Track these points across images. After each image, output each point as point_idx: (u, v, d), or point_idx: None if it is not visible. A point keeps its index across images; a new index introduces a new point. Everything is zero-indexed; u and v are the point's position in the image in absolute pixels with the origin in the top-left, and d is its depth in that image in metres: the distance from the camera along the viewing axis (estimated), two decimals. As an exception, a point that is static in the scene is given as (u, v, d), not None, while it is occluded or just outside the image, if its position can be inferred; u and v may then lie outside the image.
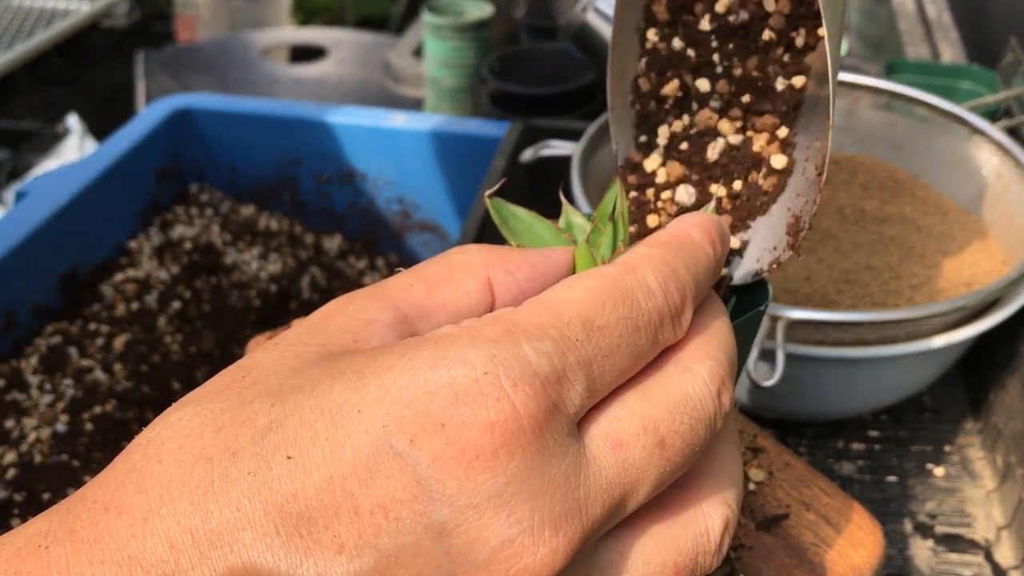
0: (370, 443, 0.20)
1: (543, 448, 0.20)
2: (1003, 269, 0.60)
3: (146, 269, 0.68)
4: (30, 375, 0.60)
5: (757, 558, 0.38)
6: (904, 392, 0.57)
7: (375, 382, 0.21)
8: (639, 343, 0.22)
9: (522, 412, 0.20)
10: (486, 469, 0.20)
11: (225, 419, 0.22)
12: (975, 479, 0.58)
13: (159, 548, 0.20)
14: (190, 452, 0.21)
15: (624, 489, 0.22)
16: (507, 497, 0.20)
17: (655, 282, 0.23)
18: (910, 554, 0.53)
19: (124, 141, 0.71)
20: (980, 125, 0.66)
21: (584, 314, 0.22)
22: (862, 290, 0.59)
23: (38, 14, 1.32)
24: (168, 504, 0.21)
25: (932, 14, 1.02)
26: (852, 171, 0.72)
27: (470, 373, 0.21)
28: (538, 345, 0.21)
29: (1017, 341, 0.58)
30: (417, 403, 0.20)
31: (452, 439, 0.20)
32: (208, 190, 0.78)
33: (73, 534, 0.21)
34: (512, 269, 0.26)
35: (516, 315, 0.22)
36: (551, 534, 0.20)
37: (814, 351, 0.51)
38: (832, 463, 0.59)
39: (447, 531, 0.20)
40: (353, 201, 0.78)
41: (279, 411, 0.22)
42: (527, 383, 0.21)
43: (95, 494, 0.22)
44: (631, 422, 0.22)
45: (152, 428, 0.22)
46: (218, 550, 0.20)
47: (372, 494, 0.20)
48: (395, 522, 0.20)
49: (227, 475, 0.21)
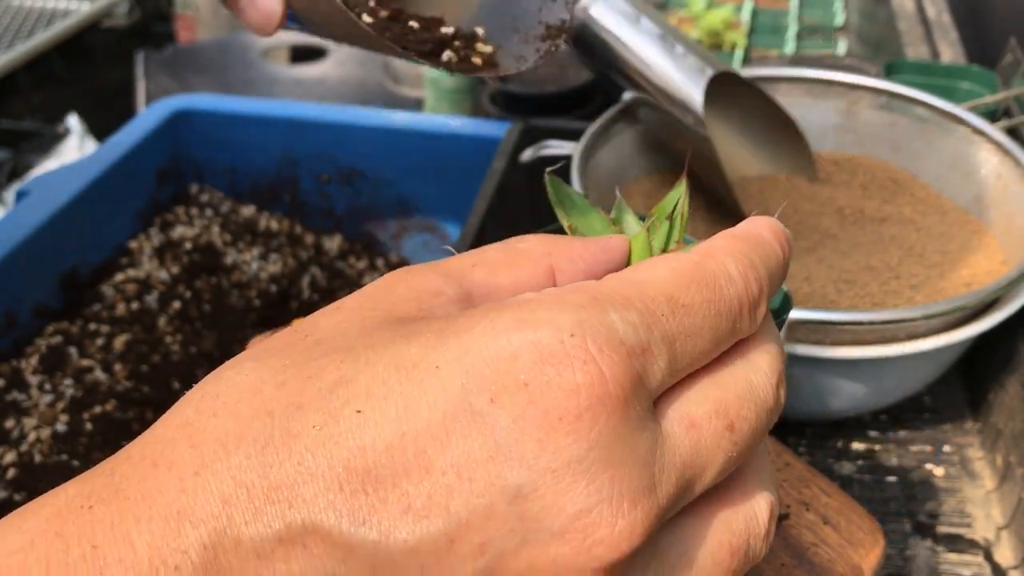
0: (448, 400, 0.20)
1: (627, 418, 0.20)
2: (1003, 269, 0.60)
3: (146, 269, 0.68)
4: (30, 375, 0.60)
5: (757, 558, 0.38)
6: (904, 392, 0.58)
7: (455, 342, 0.20)
8: (720, 328, 0.22)
9: (608, 377, 0.20)
10: (569, 432, 0.19)
11: (288, 374, 0.21)
12: (975, 479, 0.58)
13: (210, 503, 0.19)
14: (248, 406, 0.21)
15: (695, 470, 0.21)
16: (588, 464, 0.19)
17: (736, 270, 0.23)
18: (910, 554, 0.53)
19: (124, 141, 0.71)
20: (980, 125, 0.66)
21: (670, 291, 0.22)
22: (862, 290, 0.59)
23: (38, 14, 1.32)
24: (223, 458, 0.20)
25: (932, 14, 1.02)
26: (852, 171, 0.72)
27: (556, 335, 0.20)
28: (625, 314, 0.21)
29: (1016, 341, 0.58)
30: (500, 362, 0.20)
31: (535, 399, 0.19)
32: (208, 190, 0.78)
33: (119, 492, 0.20)
34: (574, 257, 0.26)
35: (601, 285, 0.22)
36: (630, 507, 0.20)
37: (814, 351, 0.51)
38: (832, 463, 0.59)
39: (523, 495, 0.19)
40: (353, 201, 0.78)
41: (350, 367, 0.21)
42: (614, 350, 0.20)
43: (142, 451, 0.21)
44: (704, 405, 0.22)
45: (206, 383, 0.22)
46: (276, 505, 0.19)
47: (447, 453, 0.19)
48: (468, 483, 0.19)
49: (289, 429, 0.20)
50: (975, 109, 0.70)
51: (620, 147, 0.70)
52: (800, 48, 1.06)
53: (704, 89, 0.62)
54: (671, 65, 0.64)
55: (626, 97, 0.68)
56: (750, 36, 1.08)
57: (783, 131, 0.71)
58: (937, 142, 0.69)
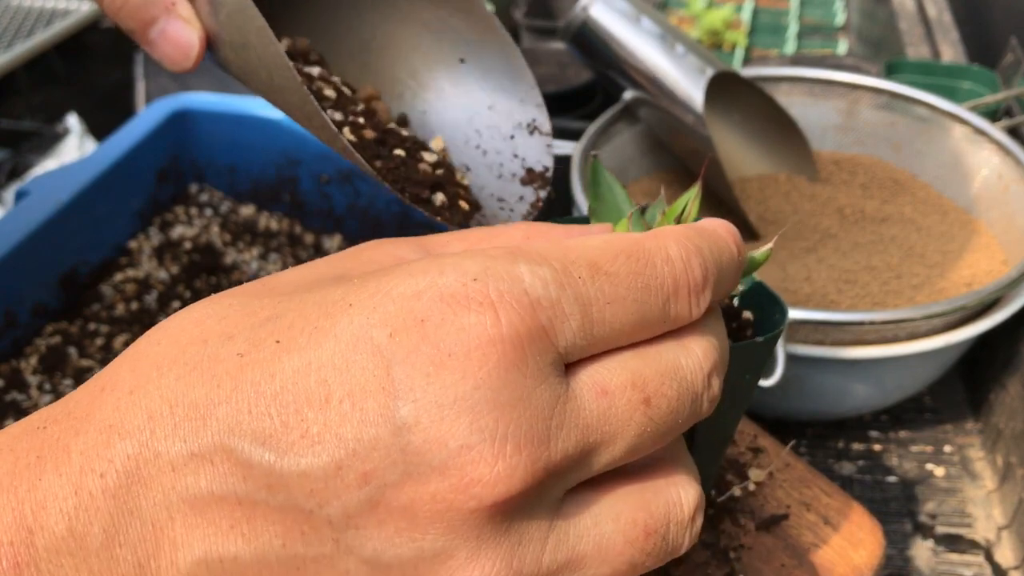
0: (352, 334, 0.20)
1: (520, 364, 0.20)
2: (1003, 269, 0.60)
3: (146, 269, 0.68)
4: (29, 375, 0.60)
5: (757, 558, 0.38)
6: (904, 392, 0.57)
7: (373, 283, 0.21)
8: (648, 303, 0.22)
9: (503, 321, 0.20)
10: (456, 370, 0.20)
11: (231, 311, 0.23)
12: (975, 479, 0.58)
13: (138, 418, 0.21)
14: (188, 335, 0.22)
15: (600, 437, 0.21)
16: (473, 402, 0.20)
17: (676, 252, 0.23)
18: (910, 554, 0.53)
19: (124, 141, 0.70)
20: (980, 125, 0.66)
21: (593, 257, 0.22)
22: (862, 290, 0.59)
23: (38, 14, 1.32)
24: (155, 380, 0.21)
25: (932, 14, 1.02)
26: (852, 171, 0.72)
27: (460, 279, 0.21)
28: (535, 268, 0.21)
29: (1017, 341, 0.58)
30: (403, 300, 0.21)
31: (428, 336, 0.20)
32: (208, 190, 0.78)
33: (70, 414, 0.22)
34: (552, 240, 0.26)
35: (524, 245, 0.22)
36: (513, 450, 0.20)
37: (814, 351, 0.51)
38: (832, 463, 0.59)
39: (407, 427, 0.20)
40: (353, 201, 0.78)
41: (283, 306, 0.22)
42: (515, 298, 0.20)
43: (97, 380, 0.23)
44: (621, 375, 0.22)
45: (163, 321, 0.23)
46: (191, 423, 0.20)
47: (345, 383, 0.20)
48: (360, 412, 0.20)
49: (217, 355, 0.21)
50: (976, 109, 0.70)
51: (620, 147, 0.70)
52: (800, 48, 1.06)
53: (704, 89, 0.62)
54: (671, 65, 0.64)
55: (626, 97, 0.68)
56: (750, 36, 1.08)
57: (783, 131, 0.71)
58: (938, 142, 0.69)
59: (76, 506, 0.20)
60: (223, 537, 0.20)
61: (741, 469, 0.42)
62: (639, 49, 0.65)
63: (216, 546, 0.20)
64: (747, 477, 0.41)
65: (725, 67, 0.65)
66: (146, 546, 0.21)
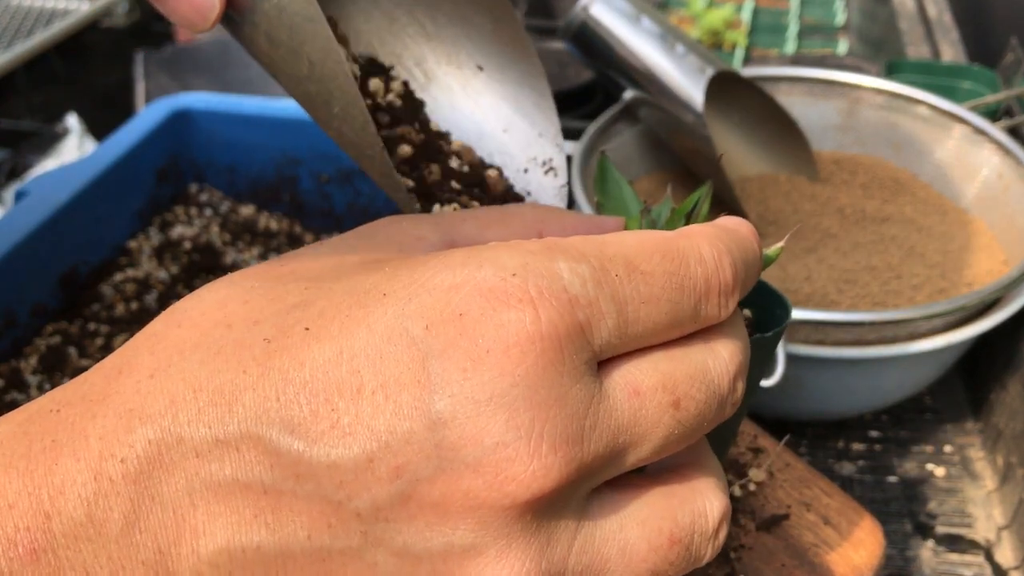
0: (386, 323, 0.20)
1: (558, 363, 0.20)
2: (1003, 269, 0.60)
3: (146, 269, 0.68)
4: (29, 375, 0.60)
5: (757, 558, 0.38)
6: (904, 392, 0.57)
7: (407, 273, 0.21)
8: (681, 303, 0.22)
9: (543, 319, 0.20)
10: (494, 366, 0.19)
11: (255, 294, 0.22)
12: (976, 479, 0.58)
13: (160, 402, 0.20)
14: (210, 318, 0.22)
15: (631, 437, 0.21)
16: (511, 399, 0.19)
17: (708, 252, 0.23)
18: (911, 555, 0.53)
19: (124, 141, 0.70)
20: (981, 125, 0.66)
21: (630, 255, 0.22)
22: (862, 290, 0.58)
23: (37, 14, 1.32)
24: (177, 363, 0.21)
25: (932, 14, 1.02)
26: (852, 171, 0.72)
27: (499, 273, 0.20)
28: (575, 265, 0.21)
29: (1017, 341, 0.58)
30: (440, 292, 0.20)
31: (466, 330, 0.20)
32: (208, 190, 0.78)
33: (85, 397, 0.21)
34: (565, 227, 0.26)
35: (562, 240, 0.22)
36: (548, 450, 0.20)
37: (814, 351, 0.51)
38: (832, 463, 0.59)
39: (442, 422, 0.19)
40: (353, 201, 0.78)
41: (311, 292, 0.22)
42: (554, 295, 0.20)
43: (112, 361, 0.22)
44: (652, 376, 0.22)
45: (181, 300, 0.23)
46: (216, 408, 0.20)
47: (378, 374, 0.20)
48: (393, 405, 0.19)
49: (242, 341, 0.21)
50: (976, 109, 0.70)
51: (620, 147, 0.70)
52: (801, 48, 1.06)
53: (704, 88, 0.62)
54: (671, 64, 0.64)
55: (626, 97, 0.68)
56: (750, 35, 1.08)
57: (783, 131, 0.71)
58: (938, 142, 0.69)
59: (95, 492, 0.20)
60: (247, 526, 0.20)
61: (741, 469, 0.42)
62: (639, 49, 0.65)
63: (239, 535, 0.20)
64: (747, 477, 0.41)
65: (725, 67, 0.65)
66: (167, 533, 0.20)
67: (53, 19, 1.39)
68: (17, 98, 1.28)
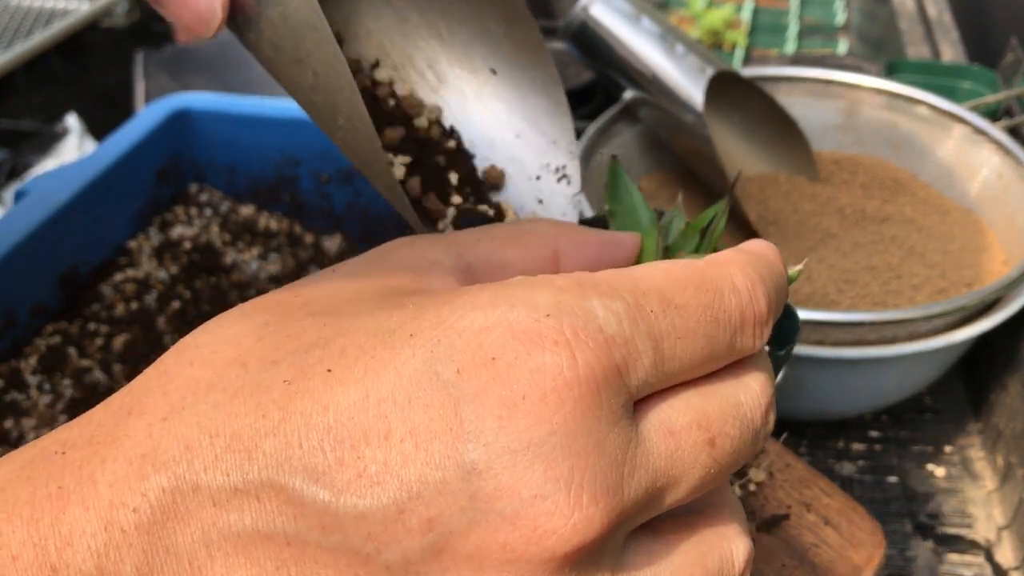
0: (415, 367, 0.19)
1: (596, 408, 0.19)
2: (1003, 269, 0.60)
3: (146, 269, 0.68)
4: (29, 375, 0.60)
5: (757, 558, 0.38)
6: (904, 392, 0.57)
7: (433, 313, 0.20)
8: (717, 337, 0.21)
9: (580, 362, 0.19)
10: (530, 414, 0.19)
11: (269, 330, 0.21)
12: (976, 479, 0.58)
13: (174, 447, 0.19)
14: (224, 356, 0.21)
15: (668, 480, 0.20)
16: (548, 449, 0.18)
17: (742, 282, 0.22)
18: (911, 555, 0.53)
19: (124, 141, 0.70)
20: (981, 125, 0.66)
21: (663, 289, 0.21)
22: (862, 290, 0.58)
23: (37, 14, 1.32)
24: (191, 405, 0.20)
25: (932, 14, 1.02)
26: (852, 171, 0.72)
27: (531, 314, 0.19)
28: (609, 303, 0.20)
29: (1018, 341, 0.58)
30: (471, 335, 0.19)
31: (500, 375, 0.19)
32: (208, 190, 0.78)
33: (92, 439, 0.20)
34: (580, 245, 0.26)
35: (591, 275, 0.21)
36: (589, 501, 0.19)
37: (814, 351, 0.51)
38: (832, 463, 0.59)
39: (477, 472, 0.18)
40: (353, 201, 0.78)
41: (331, 330, 0.21)
42: (590, 336, 0.19)
43: (120, 400, 0.21)
44: (686, 414, 0.21)
45: (191, 335, 0.22)
46: (235, 455, 0.19)
47: (407, 420, 0.19)
48: (424, 453, 0.18)
49: (260, 382, 0.20)
50: (976, 109, 0.70)
51: (620, 147, 0.70)
52: (801, 48, 1.06)
53: (704, 88, 0.62)
54: (671, 64, 0.64)
55: (626, 97, 0.68)
56: (750, 35, 1.08)
57: (783, 131, 0.71)
58: (938, 142, 0.69)
59: (106, 543, 0.19)
60: None
61: (741, 469, 0.42)
62: (639, 49, 0.65)
63: None
64: (747, 477, 0.41)
65: (725, 67, 0.65)
66: None
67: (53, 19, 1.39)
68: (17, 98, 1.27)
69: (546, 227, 0.26)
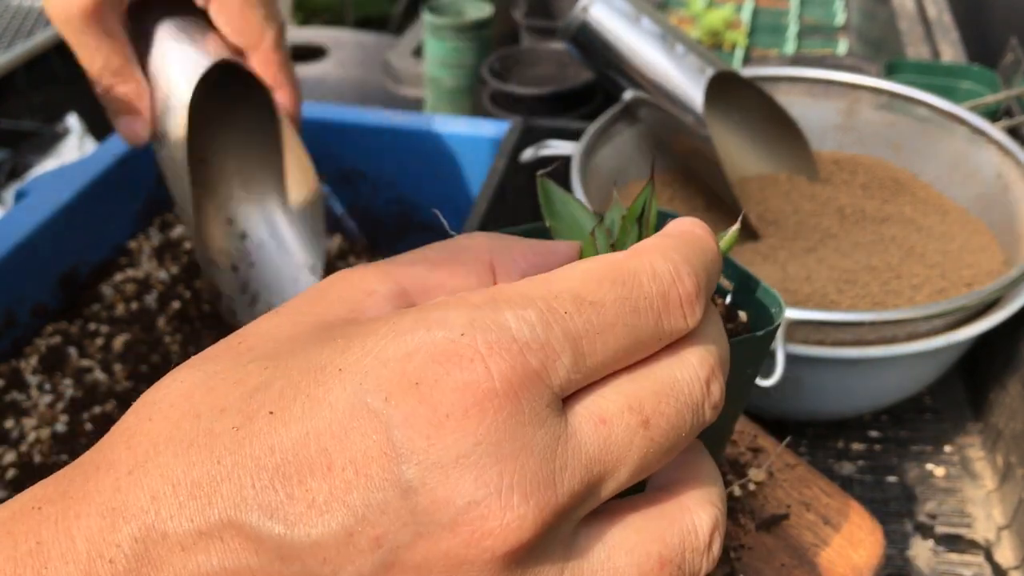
0: (347, 400, 0.21)
1: (517, 413, 0.20)
2: (1003, 269, 0.60)
3: (146, 269, 0.68)
4: (29, 375, 0.60)
5: (757, 558, 0.38)
6: (904, 392, 0.57)
7: (359, 344, 0.21)
8: (639, 326, 0.22)
9: (495, 374, 0.20)
10: (456, 429, 0.20)
11: (217, 380, 0.22)
12: (975, 479, 0.58)
13: (141, 499, 0.21)
14: (179, 410, 0.22)
15: (604, 467, 0.21)
16: (475, 458, 0.20)
17: (663, 267, 0.23)
18: (910, 554, 0.53)
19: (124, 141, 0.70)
20: (980, 125, 0.66)
21: (576, 289, 0.22)
22: (862, 290, 0.59)
23: (38, 14, 1.32)
24: (153, 458, 0.21)
25: (932, 14, 1.02)
26: (852, 171, 0.72)
27: (448, 334, 0.21)
28: (521, 312, 0.21)
29: (1017, 341, 0.58)
30: (395, 363, 0.21)
31: (424, 398, 0.20)
32: (208, 190, 0.78)
33: (66, 494, 0.22)
34: (516, 256, 0.26)
35: (506, 287, 0.22)
36: (520, 500, 0.20)
37: (814, 351, 0.51)
38: (832, 463, 0.59)
39: (414, 489, 0.20)
40: (353, 201, 0.78)
41: (270, 372, 0.22)
42: (504, 347, 0.20)
43: (90, 457, 0.22)
44: (616, 401, 0.22)
45: (148, 392, 0.23)
46: (196, 501, 0.21)
47: (345, 450, 0.20)
48: (365, 478, 0.20)
49: (212, 430, 0.21)
50: (976, 109, 0.70)
51: (620, 147, 0.70)
52: (800, 48, 1.06)
53: (704, 89, 0.62)
54: (671, 65, 0.64)
55: (626, 97, 0.68)
56: (750, 36, 1.08)
57: (783, 131, 0.71)
58: (938, 142, 0.69)
59: None
60: None
61: (741, 469, 0.42)
62: (639, 49, 0.65)
63: None
64: (747, 477, 0.41)
65: (725, 67, 0.65)
66: None
67: (53, 19, 1.38)
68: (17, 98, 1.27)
69: (482, 241, 0.27)
